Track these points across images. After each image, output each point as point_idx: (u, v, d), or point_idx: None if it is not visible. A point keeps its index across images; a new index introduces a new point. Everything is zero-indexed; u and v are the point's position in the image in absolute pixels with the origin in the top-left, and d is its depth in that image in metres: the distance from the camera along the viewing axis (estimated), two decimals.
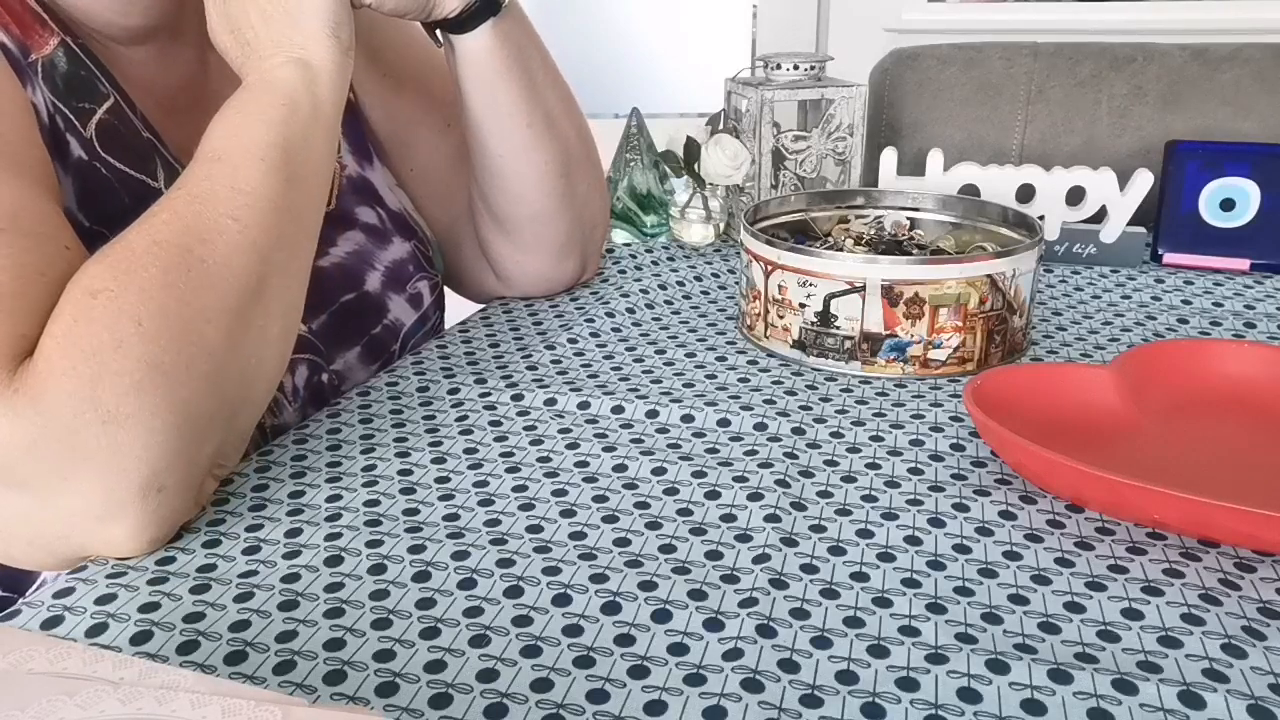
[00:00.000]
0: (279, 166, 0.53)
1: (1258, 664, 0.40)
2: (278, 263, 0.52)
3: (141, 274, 0.47)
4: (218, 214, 0.50)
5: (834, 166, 0.98)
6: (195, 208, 0.50)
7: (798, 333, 0.71)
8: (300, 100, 0.56)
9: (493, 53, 0.70)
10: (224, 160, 0.52)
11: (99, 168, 0.58)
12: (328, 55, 0.57)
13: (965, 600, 0.45)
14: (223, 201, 0.51)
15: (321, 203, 0.58)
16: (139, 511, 0.47)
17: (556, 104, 0.76)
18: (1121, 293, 0.85)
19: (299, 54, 0.57)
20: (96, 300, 0.46)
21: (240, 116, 0.55)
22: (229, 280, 0.50)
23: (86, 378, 0.45)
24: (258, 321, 0.51)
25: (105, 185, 0.58)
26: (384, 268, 0.75)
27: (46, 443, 0.44)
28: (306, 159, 0.55)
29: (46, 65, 0.57)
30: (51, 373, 0.45)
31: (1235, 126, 1.14)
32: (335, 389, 0.70)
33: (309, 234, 0.56)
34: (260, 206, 0.52)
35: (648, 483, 0.55)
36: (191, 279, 0.48)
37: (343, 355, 0.71)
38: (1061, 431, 0.56)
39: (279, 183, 0.53)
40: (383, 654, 0.42)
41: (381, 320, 0.74)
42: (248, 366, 0.51)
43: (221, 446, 0.52)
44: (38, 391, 0.44)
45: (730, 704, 0.39)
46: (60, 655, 0.35)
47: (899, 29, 1.82)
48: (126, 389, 0.45)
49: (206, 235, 0.50)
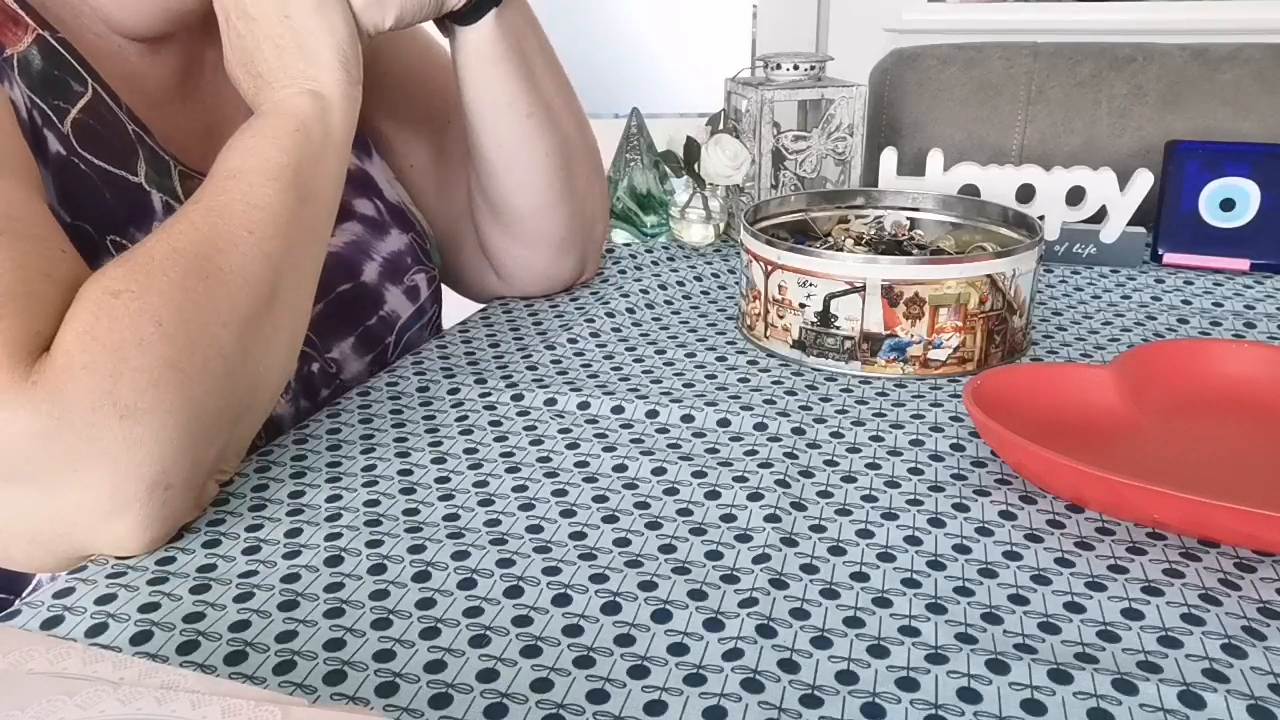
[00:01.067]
0: (291, 185, 0.55)
1: (1258, 664, 0.40)
2: (288, 274, 0.54)
3: (161, 278, 0.49)
4: (233, 226, 0.52)
5: (834, 166, 0.98)
6: (212, 219, 0.52)
7: (798, 333, 0.71)
8: (312, 127, 0.58)
9: (495, 43, 0.70)
10: (239, 178, 0.54)
11: (78, 163, 0.58)
12: (338, 87, 0.59)
13: (965, 600, 0.45)
14: (238, 215, 0.53)
15: (330, 222, 0.60)
16: (144, 508, 0.47)
17: (557, 96, 0.76)
18: (1121, 293, 0.85)
19: (311, 85, 0.59)
20: (118, 300, 0.47)
21: (255, 140, 0.57)
22: (244, 287, 0.51)
23: (107, 373, 0.46)
24: (268, 328, 0.53)
25: (85, 181, 0.59)
26: (381, 259, 0.75)
27: (63, 434, 0.45)
28: (317, 181, 0.57)
29: (21, 61, 0.57)
30: (71, 367, 0.45)
31: (1235, 126, 1.14)
32: (330, 378, 0.70)
33: (318, 249, 0.58)
34: (274, 221, 0.54)
35: (648, 483, 0.55)
36: (209, 285, 0.50)
37: (337, 345, 0.72)
38: (1061, 431, 0.56)
39: (291, 200, 0.55)
40: (383, 654, 0.42)
41: (377, 311, 0.75)
42: (257, 371, 0.53)
43: (225, 450, 0.53)
44: (57, 384, 0.45)
45: (730, 704, 0.39)
46: (60, 655, 0.34)
47: (899, 29, 1.82)
48: (145, 385, 0.46)
49: (223, 245, 0.51)
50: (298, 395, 0.68)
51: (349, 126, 0.61)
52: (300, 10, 0.59)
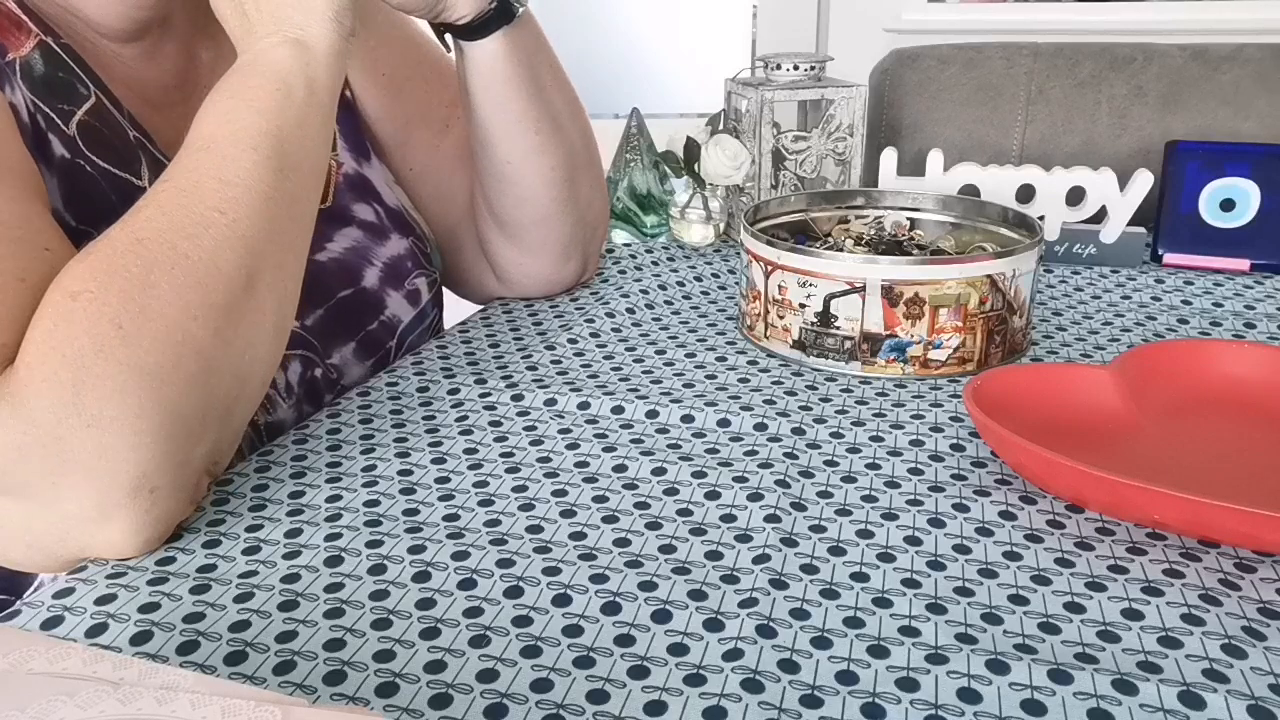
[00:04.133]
0: (271, 156, 0.52)
1: (1258, 664, 0.40)
2: (269, 256, 0.51)
3: (123, 274, 0.46)
4: (204, 207, 0.49)
5: (834, 167, 0.98)
6: (180, 200, 0.49)
7: (798, 333, 0.71)
8: (294, 84, 0.54)
9: (503, 60, 0.70)
10: (212, 150, 0.51)
11: (83, 166, 0.58)
12: (326, 37, 0.56)
13: (965, 600, 0.45)
14: (209, 194, 0.50)
15: (316, 192, 0.56)
16: (132, 513, 0.47)
17: (563, 109, 0.76)
18: (1121, 293, 0.85)
19: (297, 34, 0.56)
20: (76, 303, 0.45)
21: (231, 101, 0.53)
22: (216, 277, 0.48)
23: (68, 383, 0.44)
24: (249, 317, 0.50)
25: (90, 184, 0.58)
26: (382, 264, 0.75)
27: (33, 449, 0.44)
28: (300, 146, 0.54)
29: (24, 66, 0.57)
30: (32, 379, 0.44)
31: (1235, 126, 1.14)
32: (332, 383, 0.70)
33: (303, 225, 0.55)
34: (249, 199, 0.50)
35: (648, 483, 0.55)
36: (175, 276, 0.47)
37: (338, 350, 0.71)
38: (1061, 431, 0.56)
39: (270, 173, 0.51)
40: (383, 654, 0.42)
41: (378, 316, 0.74)
42: (240, 363, 0.50)
43: (216, 444, 0.52)
44: (20, 399, 0.44)
45: (730, 704, 0.39)
46: (60, 655, 0.34)
47: (899, 29, 1.82)
48: (109, 393, 0.45)
49: (192, 230, 0.48)
50: (300, 401, 0.67)
51: (335, 80, 0.57)
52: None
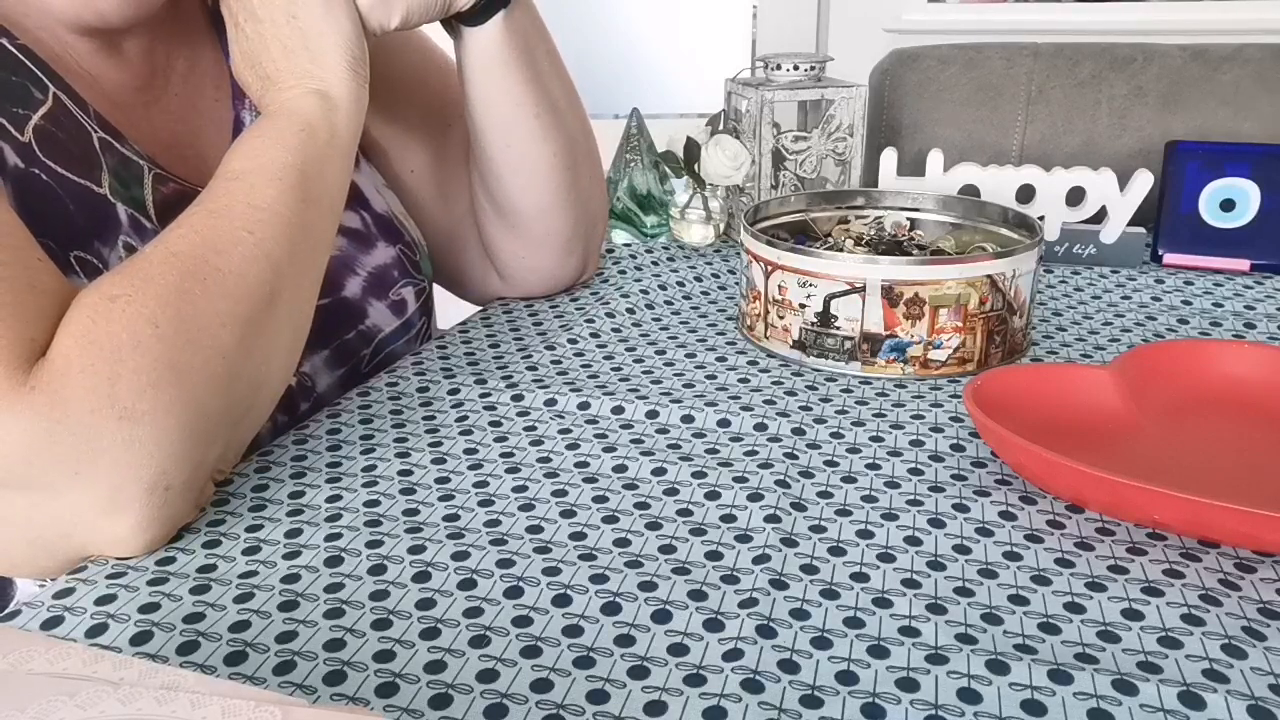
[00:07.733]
0: (295, 186, 0.55)
1: (1258, 664, 0.40)
2: (290, 276, 0.54)
3: (159, 281, 0.49)
4: (234, 227, 0.52)
5: (834, 167, 0.98)
6: (212, 221, 0.52)
7: (798, 333, 0.71)
8: (318, 127, 0.58)
9: (502, 44, 0.70)
10: (242, 179, 0.54)
11: (39, 174, 0.57)
12: (345, 88, 0.59)
13: (965, 601, 0.45)
14: (239, 216, 0.53)
15: (334, 224, 0.59)
16: (144, 508, 0.47)
17: (562, 96, 0.76)
18: (1121, 293, 0.85)
19: (318, 85, 0.59)
20: (115, 304, 0.48)
21: (259, 141, 0.57)
22: (243, 289, 0.51)
23: (104, 375, 0.46)
24: (269, 330, 0.53)
25: (46, 192, 0.57)
26: (366, 273, 0.74)
27: (62, 436, 0.45)
28: (321, 182, 0.57)
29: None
30: (69, 370, 0.46)
31: (1235, 127, 1.14)
32: (305, 390, 0.70)
33: (321, 252, 0.58)
34: (275, 222, 0.54)
35: (648, 483, 0.55)
36: (207, 286, 0.50)
37: (309, 359, 0.70)
38: (1061, 432, 0.56)
39: (294, 201, 0.55)
40: (383, 654, 0.42)
41: (356, 326, 0.73)
42: (258, 372, 0.53)
43: (224, 451, 0.53)
44: (55, 388, 0.45)
45: (730, 704, 0.39)
46: (60, 655, 0.34)
47: (899, 29, 1.82)
48: (143, 386, 0.46)
49: (222, 247, 0.51)
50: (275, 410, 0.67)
51: (355, 127, 0.61)
52: (307, 11, 0.59)
